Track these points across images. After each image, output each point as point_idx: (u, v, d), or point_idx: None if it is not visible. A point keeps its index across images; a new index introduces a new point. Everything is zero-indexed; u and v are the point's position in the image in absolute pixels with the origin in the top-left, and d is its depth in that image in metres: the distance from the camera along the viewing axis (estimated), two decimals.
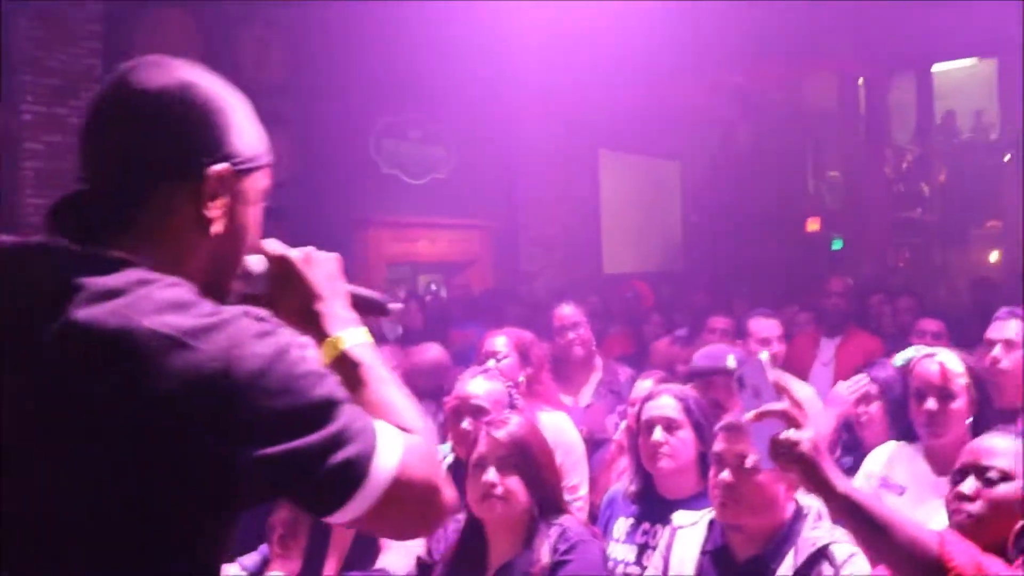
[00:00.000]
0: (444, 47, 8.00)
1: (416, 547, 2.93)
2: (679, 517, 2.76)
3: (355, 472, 1.16)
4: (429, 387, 4.16)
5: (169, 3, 7.60)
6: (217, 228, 1.25)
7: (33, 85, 6.60)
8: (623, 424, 3.48)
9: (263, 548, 3.23)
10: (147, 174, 1.23)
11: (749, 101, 10.39)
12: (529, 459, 2.67)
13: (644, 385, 3.53)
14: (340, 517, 1.18)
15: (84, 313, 1.09)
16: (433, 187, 9.24)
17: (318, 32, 8.07)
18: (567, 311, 4.56)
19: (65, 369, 1.09)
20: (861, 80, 10.62)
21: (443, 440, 3.44)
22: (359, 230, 8.57)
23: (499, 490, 2.64)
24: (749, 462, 2.48)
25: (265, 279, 1.39)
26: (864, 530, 1.92)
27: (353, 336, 1.36)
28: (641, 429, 3.02)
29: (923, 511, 2.83)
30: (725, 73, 9.32)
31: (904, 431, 3.18)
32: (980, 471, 2.18)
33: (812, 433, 1.91)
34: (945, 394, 2.99)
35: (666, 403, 3.00)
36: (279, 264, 1.39)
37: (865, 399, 3.56)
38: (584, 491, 3.49)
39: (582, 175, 10.09)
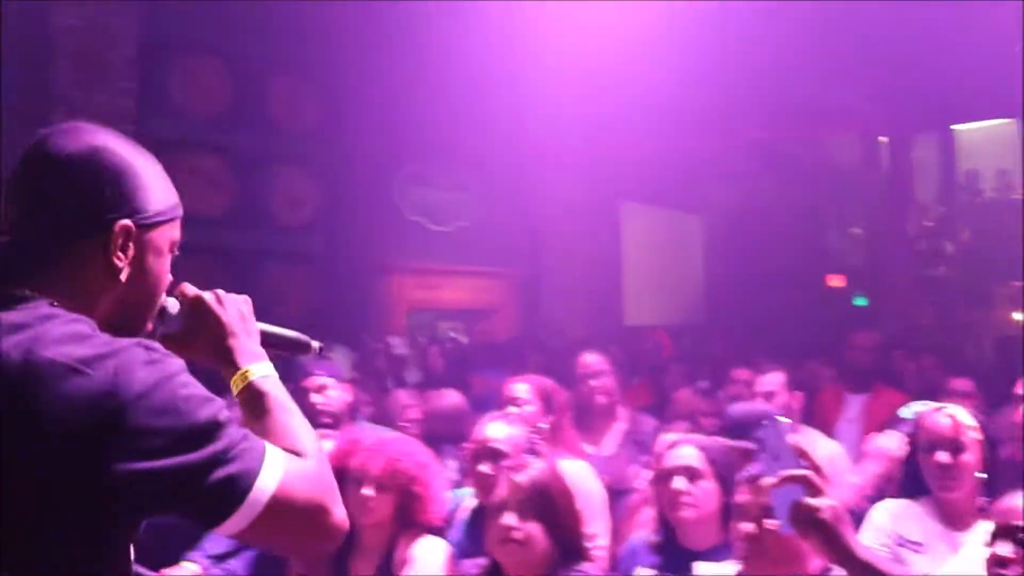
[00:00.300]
0: (471, 96, 8.11)
1: None
2: (701, 568, 2.74)
3: (237, 488, 1.29)
4: (447, 432, 4.16)
5: (202, 50, 7.75)
6: (124, 276, 1.41)
7: None
8: (646, 474, 3.46)
9: None
10: (60, 229, 1.39)
11: (772, 156, 10.44)
12: (549, 505, 2.67)
13: (669, 437, 3.52)
14: (225, 530, 1.31)
15: None
16: (457, 235, 9.30)
17: (347, 80, 8.20)
18: (591, 359, 4.56)
19: None
20: (884, 139, 10.66)
21: (463, 485, 3.43)
22: (383, 276, 8.62)
23: (518, 534, 2.63)
24: (769, 525, 2.46)
25: (180, 319, 1.54)
26: None
27: (259, 369, 1.51)
28: (662, 478, 3.01)
29: (945, 568, 2.80)
30: (749, 127, 9.37)
31: (909, 487, 3.15)
32: (1014, 532, 2.16)
33: (833, 500, 1.86)
34: (956, 447, 2.98)
35: (688, 453, 2.99)
36: (192, 304, 1.55)
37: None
38: (604, 540, 3.47)
39: (605, 226, 10.12)
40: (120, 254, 1.40)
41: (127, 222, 1.40)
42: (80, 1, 6.71)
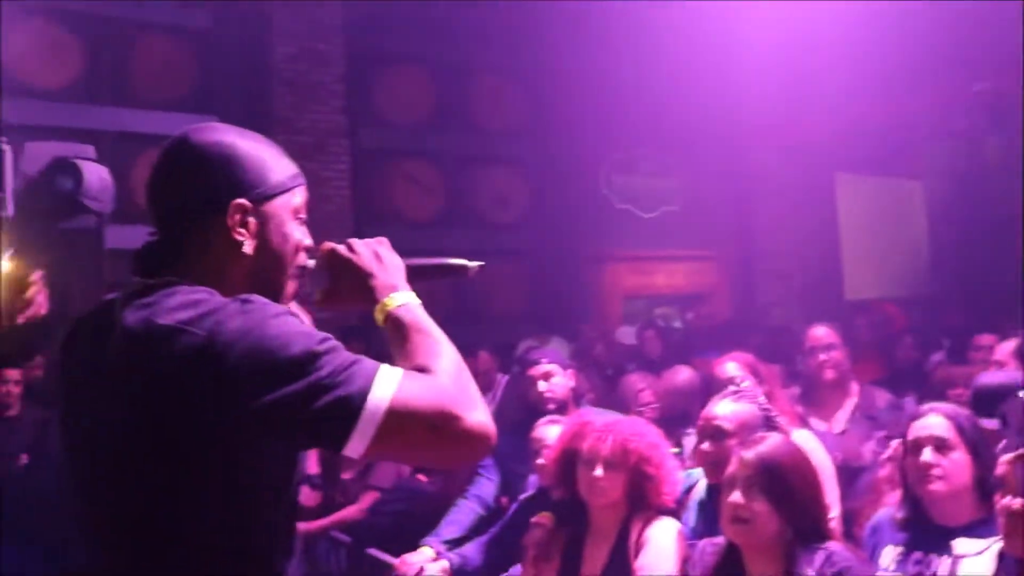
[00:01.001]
0: (672, 78, 8.00)
1: (671, 570, 2.89)
2: (961, 545, 2.57)
3: (349, 407, 1.35)
4: (684, 409, 4.12)
5: (405, 60, 8.04)
6: (250, 248, 1.55)
7: (287, 143, 7.13)
8: (892, 446, 3.29)
9: (515, 570, 3.28)
10: (186, 215, 1.55)
11: (997, 110, 9.68)
12: (779, 481, 2.57)
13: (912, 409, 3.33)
14: (352, 450, 1.37)
15: (125, 319, 1.42)
16: (666, 220, 9.21)
17: (547, 75, 8.29)
18: (820, 332, 4.39)
19: (116, 359, 1.41)
20: None
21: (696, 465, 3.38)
22: (595, 266, 8.65)
23: (744, 512, 2.56)
24: (1013, 503, 2.24)
25: (322, 276, 1.65)
26: None
27: (397, 299, 1.59)
28: (909, 450, 2.85)
29: None
30: (969, 81, 8.74)
31: None
32: None
33: None
34: None
35: (936, 422, 2.80)
36: (328, 259, 1.66)
37: None
38: (836, 512, 3.32)
39: (819, 200, 9.73)
40: (240, 229, 1.54)
41: (241, 200, 1.53)
42: (294, 31, 7.13)
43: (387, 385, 1.38)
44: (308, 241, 1.64)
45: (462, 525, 3.96)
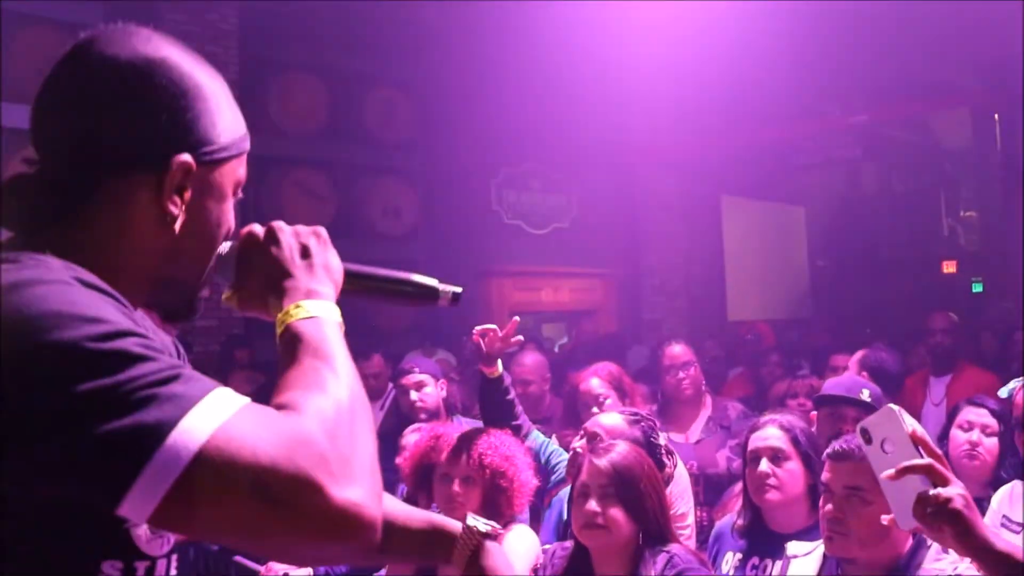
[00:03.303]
0: (564, 98, 8.16)
1: (523, 573, 2.97)
2: (793, 547, 2.71)
3: (135, 443, 0.88)
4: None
5: (298, 69, 8.01)
6: (178, 225, 1.13)
7: None
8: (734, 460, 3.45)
9: (381, 572, 3.32)
10: (102, 162, 1.10)
11: (875, 140, 10.16)
12: (631, 488, 2.67)
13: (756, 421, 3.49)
14: (131, 510, 0.89)
15: None
16: (555, 237, 9.35)
17: (440, 89, 8.36)
18: (677, 350, 4.55)
19: None
20: (996, 115, 10.26)
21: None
22: (483, 280, 8.73)
23: (600, 519, 2.65)
24: (885, 520, 2.38)
25: (231, 263, 1.23)
26: None
27: (305, 309, 1.12)
28: (748, 461, 2.99)
29: None
30: (848, 112, 9.15)
31: (1010, 467, 3.06)
32: None
33: (962, 488, 1.72)
34: None
35: (772, 434, 2.95)
36: (242, 245, 1.23)
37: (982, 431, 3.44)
38: (691, 520, 3.46)
39: (705, 222, 10.03)
40: (176, 198, 1.11)
41: (187, 158, 1.11)
42: (187, 33, 7.05)
43: (208, 418, 0.90)
44: (233, 224, 1.23)
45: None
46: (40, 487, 0.93)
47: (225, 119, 1.17)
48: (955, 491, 1.69)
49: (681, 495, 3.44)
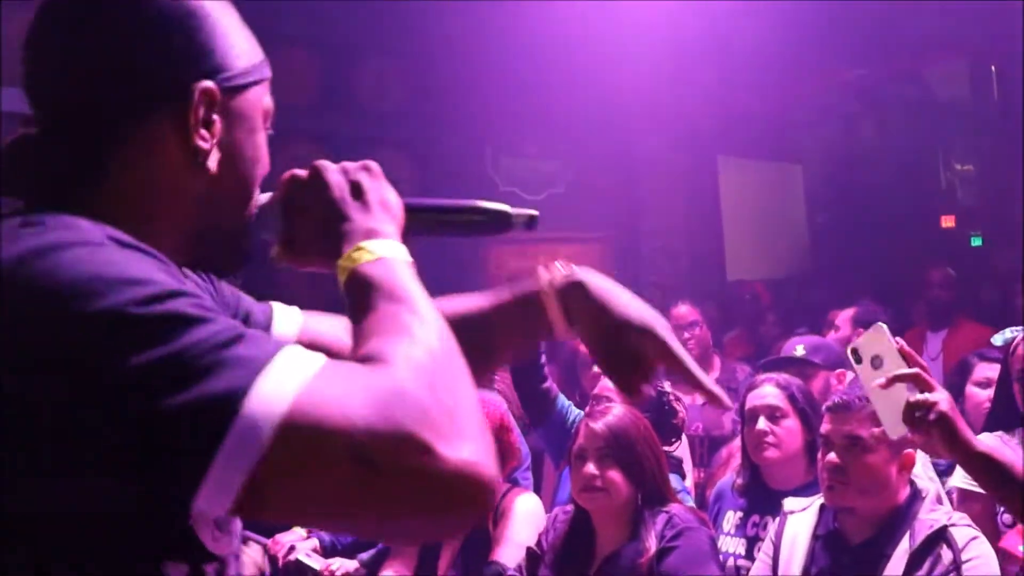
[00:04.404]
0: (556, 61, 8.10)
1: (528, 539, 3.00)
2: (789, 503, 2.75)
3: (208, 420, 0.75)
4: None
5: (288, 41, 7.96)
6: (212, 162, 0.99)
7: None
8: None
9: (381, 544, 3.35)
10: (115, 100, 0.95)
11: (870, 95, 10.09)
12: (628, 450, 2.70)
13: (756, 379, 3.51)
14: (209, 501, 0.76)
15: None
16: (552, 202, 9.33)
17: (432, 57, 8.31)
18: (682, 310, 4.58)
19: None
20: (993, 68, 10.18)
21: None
22: (480, 248, 8.72)
23: (599, 482, 2.68)
24: (876, 431, 2.44)
25: (277, 214, 1.09)
26: (1006, 488, 1.89)
27: (370, 250, 0.99)
28: (746, 420, 3.02)
29: None
30: (842, 67, 9.10)
31: (1003, 418, 3.06)
32: None
33: (946, 394, 1.85)
34: None
35: (769, 392, 2.99)
36: (286, 190, 1.09)
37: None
38: (690, 482, 3.50)
39: (702, 182, 9.99)
40: (203, 131, 0.98)
41: (209, 84, 0.98)
42: None
43: (285, 380, 0.77)
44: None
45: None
46: (91, 483, 0.78)
47: (240, 41, 1.04)
48: (940, 396, 1.83)
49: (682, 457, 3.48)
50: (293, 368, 0.78)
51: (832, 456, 2.48)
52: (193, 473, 0.75)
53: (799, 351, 3.59)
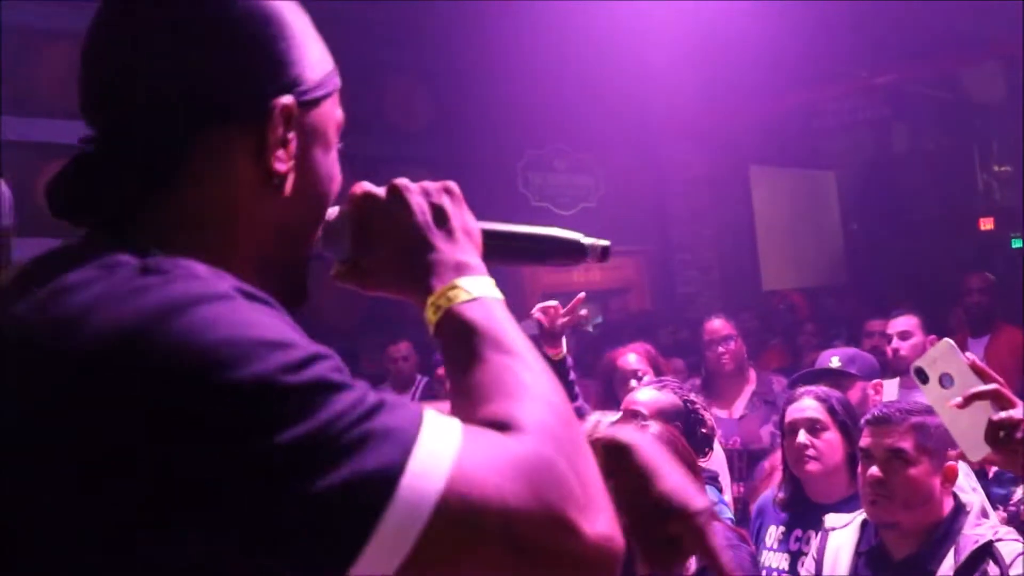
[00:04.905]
0: (584, 75, 8.10)
1: None
2: (831, 519, 2.70)
3: (364, 495, 0.70)
4: None
5: None
6: (287, 186, 0.90)
7: None
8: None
9: None
10: (189, 116, 0.86)
11: (903, 99, 9.99)
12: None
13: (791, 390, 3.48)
14: (360, 572, 0.71)
15: (9, 317, 0.79)
16: (584, 216, 9.31)
17: (459, 74, 8.34)
18: (716, 324, 4.54)
19: None
20: None
21: None
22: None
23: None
24: (953, 454, 2.35)
25: (346, 232, 0.99)
26: None
27: (466, 288, 0.90)
28: (785, 433, 2.97)
29: None
30: (873, 71, 9.01)
31: None
32: None
33: None
34: None
35: (808, 405, 2.94)
36: (360, 208, 0.98)
37: None
38: (729, 496, 3.45)
39: (734, 193, 9.95)
40: (281, 152, 0.88)
41: (288, 100, 0.88)
42: None
43: (437, 456, 0.73)
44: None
45: None
46: (232, 562, 0.72)
47: (315, 48, 0.95)
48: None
49: (718, 471, 3.43)
50: (439, 440, 0.74)
51: (874, 470, 2.43)
52: (347, 555, 0.70)
53: (834, 362, 3.55)
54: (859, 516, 2.60)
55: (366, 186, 1.00)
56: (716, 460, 3.43)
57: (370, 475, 0.70)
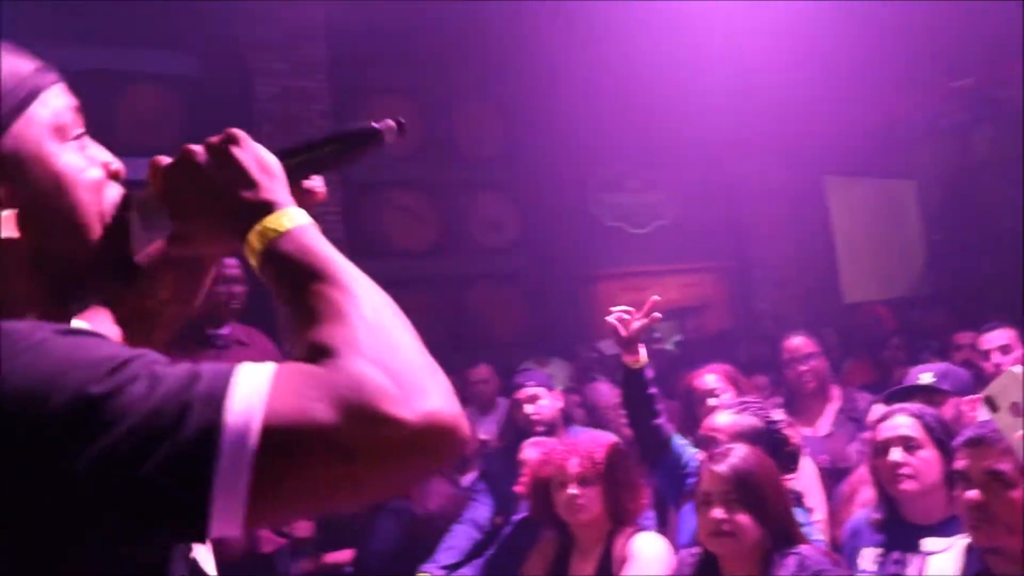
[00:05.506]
0: (654, 91, 8.06)
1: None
2: (929, 543, 2.62)
3: (194, 456, 0.78)
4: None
5: (388, 93, 8.15)
6: (7, 228, 0.93)
7: None
8: (862, 450, 3.34)
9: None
10: None
11: (984, 103, 9.72)
12: (754, 491, 2.62)
13: (879, 408, 3.38)
14: (223, 526, 0.79)
15: None
16: (658, 234, 9.26)
17: (528, 99, 8.37)
18: (797, 342, 4.46)
19: None
20: None
21: None
22: (589, 285, 8.70)
23: (727, 526, 2.60)
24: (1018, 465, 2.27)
25: (162, 211, 1.02)
26: None
27: (277, 221, 0.96)
28: (878, 451, 2.89)
29: None
30: (953, 75, 8.79)
31: None
32: None
33: None
34: None
35: (902, 422, 2.86)
36: (161, 180, 1.01)
37: None
38: (820, 516, 3.37)
39: (811, 205, 9.79)
40: None
41: None
42: (278, 71, 7.27)
43: (251, 402, 0.80)
44: (115, 163, 1.03)
45: (459, 550, 4.03)
46: (120, 555, 0.81)
47: None
48: None
49: (808, 490, 3.36)
50: (252, 389, 0.81)
51: (973, 493, 2.34)
52: (197, 521, 0.78)
53: (926, 378, 3.43)
54: (960, 540, 2.52)
55: (161, 160, 1.03)
56: (806, 479, 3.35)
57: (192, 441, 0.78)
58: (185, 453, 0.78)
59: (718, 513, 2.60)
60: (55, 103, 0.97)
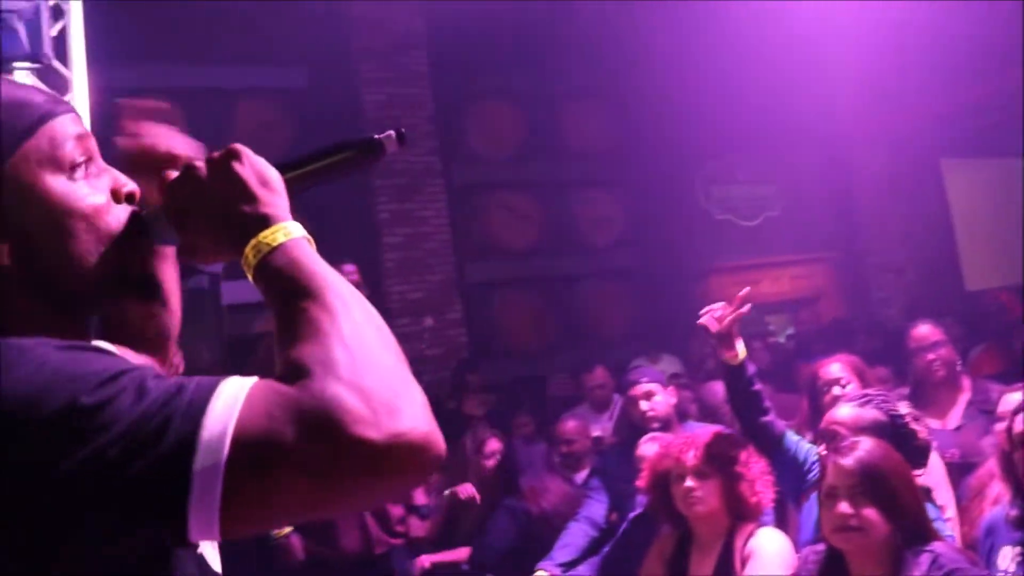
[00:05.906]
0: (760, 81, 7.92)
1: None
2: None
3: (170, 467, 0.82)
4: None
5: (492, 96, 8.21)
6: (2, 257, 0.98)
7: (385, 187, 7.41)
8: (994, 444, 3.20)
9: None
10: None
11: None
12: (882, 485, 2.54)
13: (1013, 398, 3.23)
14: (200, 533, 0.84)
15: None
16: (769, 225, 9.09)
17: (634, 94, 8.33)
18: (924, 330, 4.30)
19: None
20: None
21: None
22: (700, 279, 8.60)
23: (854, 521, 2.53)
24: None
25: (165, 221, 1.06)
26: None
27: (272, 235, 1.00)
28: (1016, 445, 2.78)
29: None
30: None
31: None
32: None
33: None
34: None
35: None
36: (171, 196, 1.05)
37: None
38: (951, 512, 3.25)
39: (926, 189, 9.44)
40: None
41: None
42: (383, 80, 7.41)
43: (223, 419, 0.84)
44: (129, 185, 1.08)
45: (575, 547, 4.03)
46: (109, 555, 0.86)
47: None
48: None
49: (936, 486, 3.24)
50: (226, 405, 0.85)
51: None
52: (177, 523, 0.83)
53: None
54: None
55: (169, 175, 1.06)
56: (934, 474, 3.24)
57: (171, 452, 0.82)
58: (165, 462, 0.82)
59: (844, 507, 2.53)
60: (56, 133, 1.01)
